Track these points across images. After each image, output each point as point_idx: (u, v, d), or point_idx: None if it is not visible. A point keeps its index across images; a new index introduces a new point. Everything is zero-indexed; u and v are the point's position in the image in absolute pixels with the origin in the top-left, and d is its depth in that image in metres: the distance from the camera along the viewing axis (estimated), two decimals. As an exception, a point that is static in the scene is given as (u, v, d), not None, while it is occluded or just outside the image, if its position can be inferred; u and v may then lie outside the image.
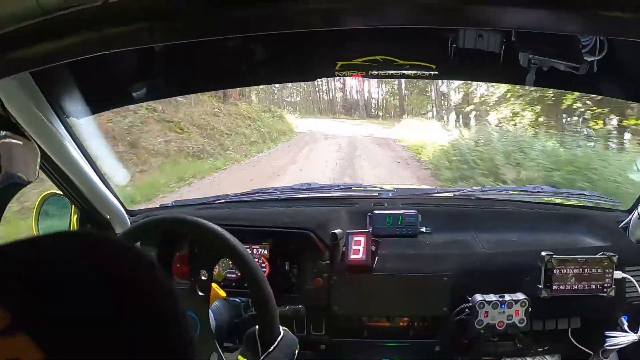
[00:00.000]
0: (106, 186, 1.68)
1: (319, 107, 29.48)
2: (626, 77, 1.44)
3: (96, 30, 0.86)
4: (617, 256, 1.60)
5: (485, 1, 0.94)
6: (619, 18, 0.96)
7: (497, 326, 1.56)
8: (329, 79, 26.10)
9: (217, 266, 1.70)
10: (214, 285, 1.34)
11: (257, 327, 1.24)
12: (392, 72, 1.52)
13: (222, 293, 1.40)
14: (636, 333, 1.65)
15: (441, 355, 1.69)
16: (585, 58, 1.29)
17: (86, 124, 1.71)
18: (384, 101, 30.12)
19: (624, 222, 1.82)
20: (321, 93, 30.32)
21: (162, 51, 1.41)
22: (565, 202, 1.97)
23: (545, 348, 1.77)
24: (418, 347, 1.70)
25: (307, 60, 1.51)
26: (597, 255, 1.61)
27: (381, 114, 29.14)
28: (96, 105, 1.55)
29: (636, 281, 1.64)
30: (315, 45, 1.43)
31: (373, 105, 30.46)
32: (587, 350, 1.74)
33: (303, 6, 0.95)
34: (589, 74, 1.32)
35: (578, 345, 1.73)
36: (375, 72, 1.51)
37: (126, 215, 1.77)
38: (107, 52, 0.94)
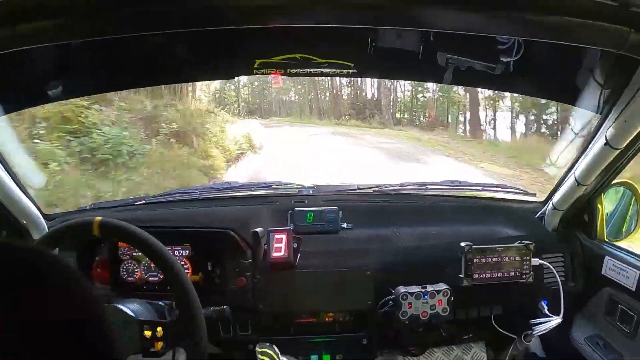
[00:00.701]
0: (22, 190, 1.60)
1: (319, 108, 21.58)
2: (540, 76, 1.50)
3: (5, 26, 0.82)
4: (534, 244, 1.67)
5: (405, 3, 0.95)
6: (534, 21, 0.99)
7: (421, 316, 1.60)
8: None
9: (138, 269, 1.67)
10: None
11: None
12: (311, 70, 1.52)
13: None
14: (558, 316, 1.72)
15: (369, 348, 1.71)
16: (502, 59, 1.33)
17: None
18: (413, 100, 18.84)
19: (540, 212, 1.89)
20: (322, 89, 21.86)
21: (78, 48, 1.34)
22: (483, 195, 2.02)
23: (470, 335, 1.83)
24: (345, 341, 1.71)
25: (226, 58, 1.48)
26: (515, 244, 1.67)
27: (409, 118, 18.29)
28: (8, 105, 1.47)
29: (553, 267, 1.72)
30: (234, 43, 1.40)
31: (392, 106, 19.74)
32: (510, 334, 1.82)
33: (224, 3, 0.93)
34: (505, 74, 1.37)
35: (501, 330, 1.80)
36: (294, 70, 1.50)
37: (43, 220, 1.69)
38: (19, 49, 0.90)
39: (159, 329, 1.22)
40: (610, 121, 1.44)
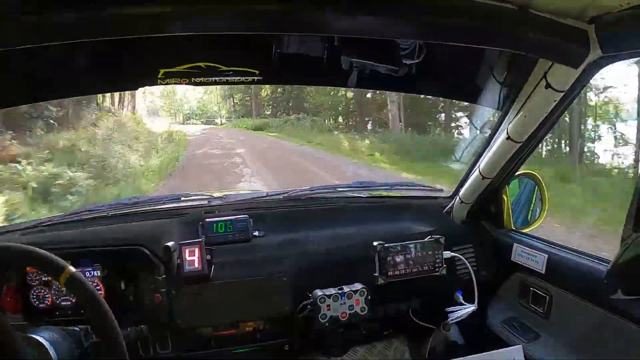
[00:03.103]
0: None
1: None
2: (442, 77, 1.57)
3: None
4: (444, 238, 1.75)
5: (307, 8, 0.95)
6: (434, 24, 1.02)
7: (340, 317, 1.62)
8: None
9: (49, 295, 1.58)
10: None
11: None
12: (216, 78, 1.49)
13: None
14: (473, 304, 1.81)
15: (291, 353, 1.72)
16: (404, 61, 1.36)
17: None
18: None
19: (447, 207, 1.98)
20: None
21: None
22: (392, 194, 2.08)
23: (390, 331, 1.89)
24: (268, 349, 1.71)
25: (128, 68, 1.43)
26: (426, 239, 1.74)
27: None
28: None
29: (464, 258, 1.80)
30: (136, 53, 1.35)
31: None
32: (429, 326, 1.89)
33: (125, 11, 0.90)
34: (408, 76, 1.41)
35: (420, 323, 1.86)
36: (199, 79, 1.48)
37: None
38: None
39: None
40: (510, 117, 1.53)
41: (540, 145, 1.68)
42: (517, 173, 1.81)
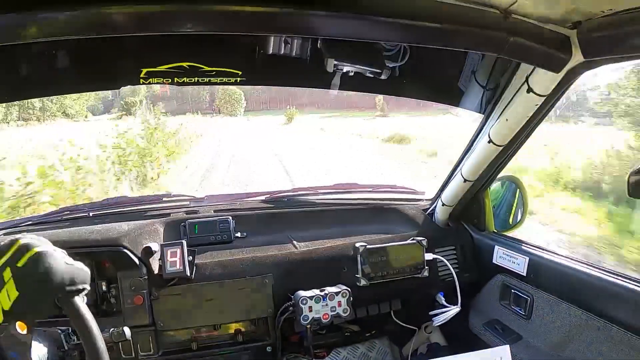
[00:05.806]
0: None
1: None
2: (426, 80, 1.57)
3: None
4: (426, 240, 1.76)
5: (291, 10, 0.95)
6: (419, 27, 1.03)
7: (322, 319, 1.62)
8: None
9: None
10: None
11: None
12: (199, 79, 1.49)
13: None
14: (455, 305, 1.82)
15: (273, 355, 1.71)
16: (388, 64, 1.37)
17: None
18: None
19: (430, 209, 2.00)
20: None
21: None
22: (374, 196, 2.09)
23: (373, 332, 1.89)
24: (250, 351, 1.71)
25: (110, 67, 1.42)
26: (408, 241, 1.75)
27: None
28: None
29: (446, 260, 1.82)
30: (118, 52, 1.34)
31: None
32: (411, 327, 1.90)
33: (107, 10, 0.89)
34: (392, 78, 1.41)
35: (403, 324, 1.87)
36: (182, 80, 1.47)
37: None
38: None
39: None
40: (492, 120, 1.55)
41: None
42: (499, 176, 1.83)
